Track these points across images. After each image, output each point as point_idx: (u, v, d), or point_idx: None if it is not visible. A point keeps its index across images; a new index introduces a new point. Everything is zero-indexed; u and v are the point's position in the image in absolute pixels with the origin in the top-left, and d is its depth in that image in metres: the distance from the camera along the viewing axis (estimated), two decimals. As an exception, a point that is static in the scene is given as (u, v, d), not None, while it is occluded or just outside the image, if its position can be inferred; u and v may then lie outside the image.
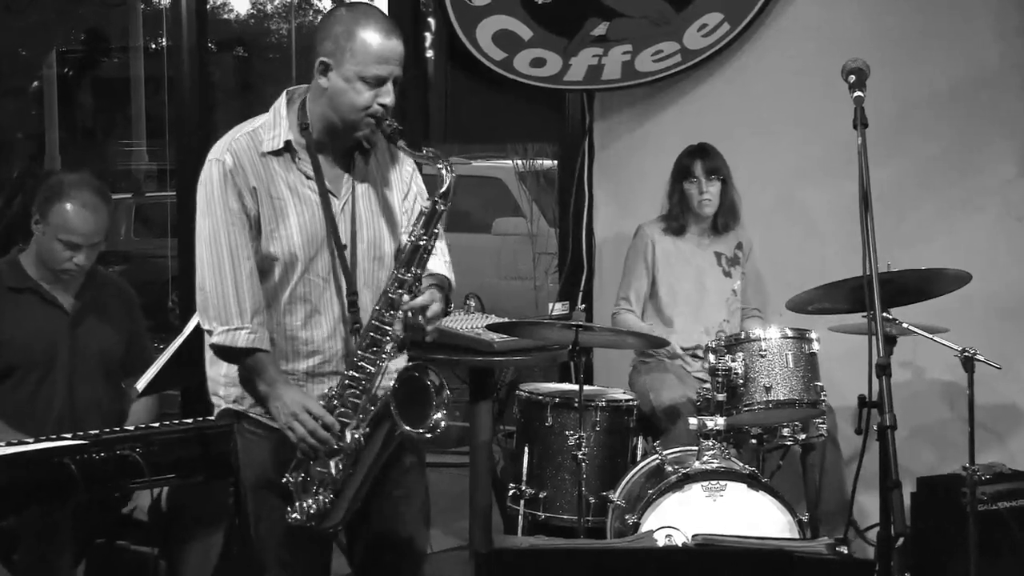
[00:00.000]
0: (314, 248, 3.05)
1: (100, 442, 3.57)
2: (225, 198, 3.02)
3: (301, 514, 3.01)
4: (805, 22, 5.39)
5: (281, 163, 3.05)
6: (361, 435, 2.98)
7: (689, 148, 4.96)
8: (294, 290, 3.07)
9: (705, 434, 4.10)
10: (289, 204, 3.04)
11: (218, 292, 3.02)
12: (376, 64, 2.96)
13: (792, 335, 4.30)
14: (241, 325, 3.01)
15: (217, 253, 3.02)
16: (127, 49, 12.57)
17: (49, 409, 3.91)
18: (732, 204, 4.95)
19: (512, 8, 5.17)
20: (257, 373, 3.04)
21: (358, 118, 3.00)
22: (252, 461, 3.16)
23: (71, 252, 3.88)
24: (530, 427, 4.44)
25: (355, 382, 3.00)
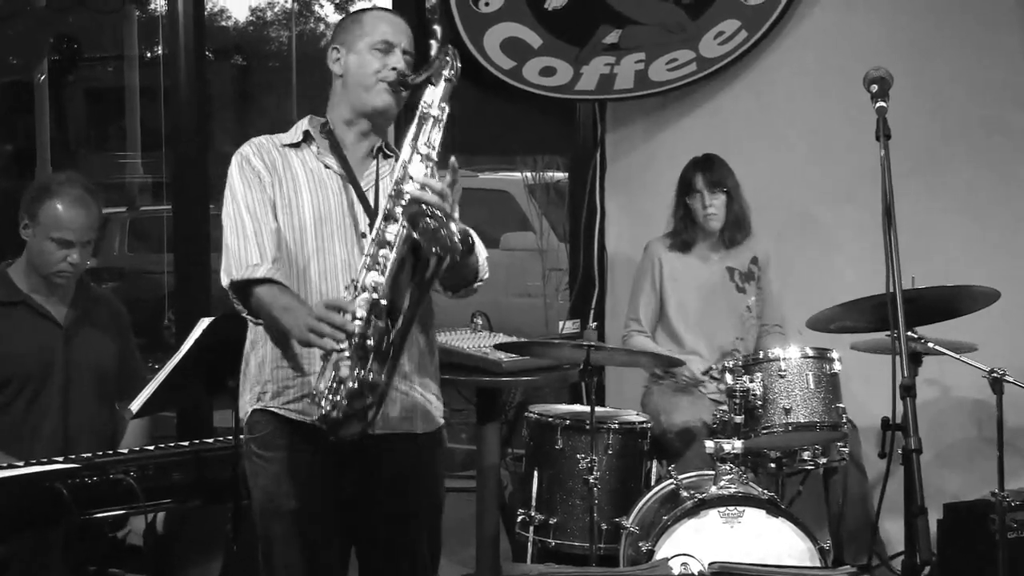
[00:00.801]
0: (329, 227, 3.10)
1: (93, 465, 3.57)
2: (243, 173, 3.14)
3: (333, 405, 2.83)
4: (826, 30, 5.40)
5: (299, 153, 3.19)
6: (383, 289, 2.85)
7: (693, 160, 4.97)
8: (307, 269, 3.09)
9: (722, 458, 4.09)
10: (302, 184, 3.14)
11: (239, 245, 3.07)
12: (384, 30, 3.15)
13: (813, 354, 4.30)
14: (259, 263, 3.04)
15: (238, 215, 3.09)
16: (122, 58, 12.62)
17: (40, 429, 3.92)
18: (738, 217, 4.95)
19: (521, 15, 5.18)
20: (274, 301, 2.97)
21: (371, 83, 3.14)
22: (258, 485, 3.17)
23: (65, 251, 3.91)
24: (540, 450, 4.44)
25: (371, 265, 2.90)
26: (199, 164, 5.22)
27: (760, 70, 5.49)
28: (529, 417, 4.52)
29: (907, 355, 2.82)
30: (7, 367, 3.91)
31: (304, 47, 20.40)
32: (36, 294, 3.99)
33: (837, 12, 5.42)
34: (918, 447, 2.75)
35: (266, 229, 3.09)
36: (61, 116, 11.53)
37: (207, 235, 5.20)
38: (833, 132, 5.30)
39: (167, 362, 3.74)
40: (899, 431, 2.82)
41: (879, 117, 3.10)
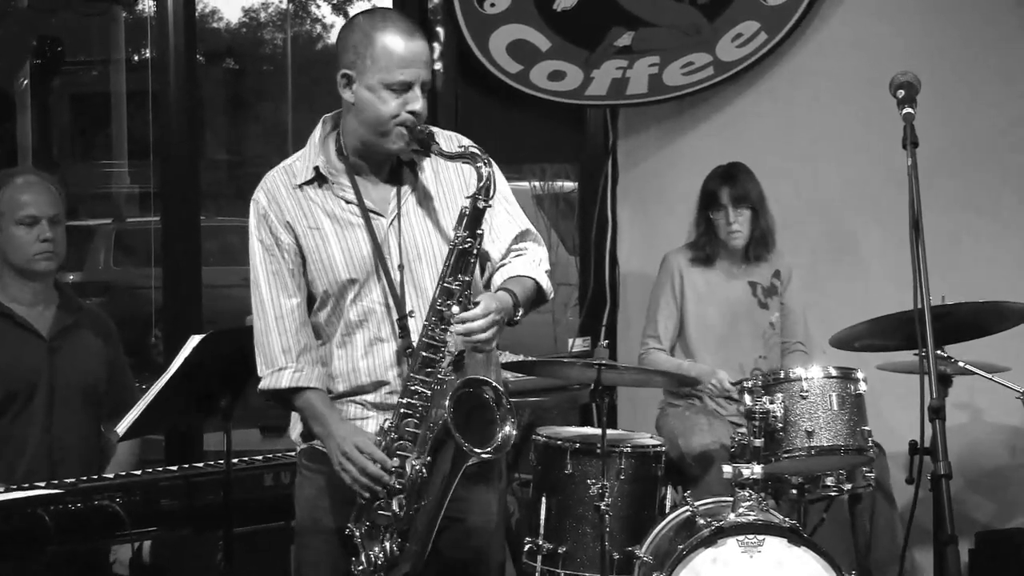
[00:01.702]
0: (364, 273, 3.10)
1: (77, 491, 3.58)
2: (260, 237, 3.14)
3: (369, 564, 3.03)
4: (849, 32, 5.42)
5: (317, 192, 3.14)
6: (422, 465, 3.00)
7: (715, 171, 4.97)
8: (348, 319, 3.12)
9: (741, 483, 4.08)
10: (329, 232, 3.11)
11: (263, 334, 3.14)
12: (400, 69, 3.02)
13: (836, 374, 4.29)
14: (284, 364, 3.12)
15: (259, 295, 3.14)
16: (108, 62, 12.65)
17: (23, 450, 3.92)
18: (764, 234, 4.95)
19: (528, 16, 5.19)
20: (309, 413, 3.13)
21: (388, 128, 3.06)
22: (303, 497, 3.21)
23: (34, 230, 3.96)
24: (548, 475, 4.44)
25: (411, 409, 3.02)
26: (189, 173, 5.22)
27: (781, 74, 5.50)
28: (536, 440, 4.52)
29: (936, 375, 2.82)
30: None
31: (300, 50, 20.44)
32: (17, 304, 4.00)
33: (861, 14, 5.43)
34: (948, 472, 2.75)
35: (287, 310, 3.12)
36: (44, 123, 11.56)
37: (197, 248, 5.20)
38: (858, 139, 5.31)
39: (155, 382, 3.74)
40: (928, 455, 2.81)
41: (906, 124, 3.10)
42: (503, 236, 3.22)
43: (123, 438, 3.83)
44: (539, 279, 3.22)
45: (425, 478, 3.00)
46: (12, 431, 3.93)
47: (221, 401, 3.70)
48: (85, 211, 11.82)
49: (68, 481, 3.69)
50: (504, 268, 3.20)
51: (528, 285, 3.18)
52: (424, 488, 3.01)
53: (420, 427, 3.01)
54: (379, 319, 3.11)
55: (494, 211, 3.18)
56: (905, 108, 3.13)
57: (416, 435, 3.02)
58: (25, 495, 3.50)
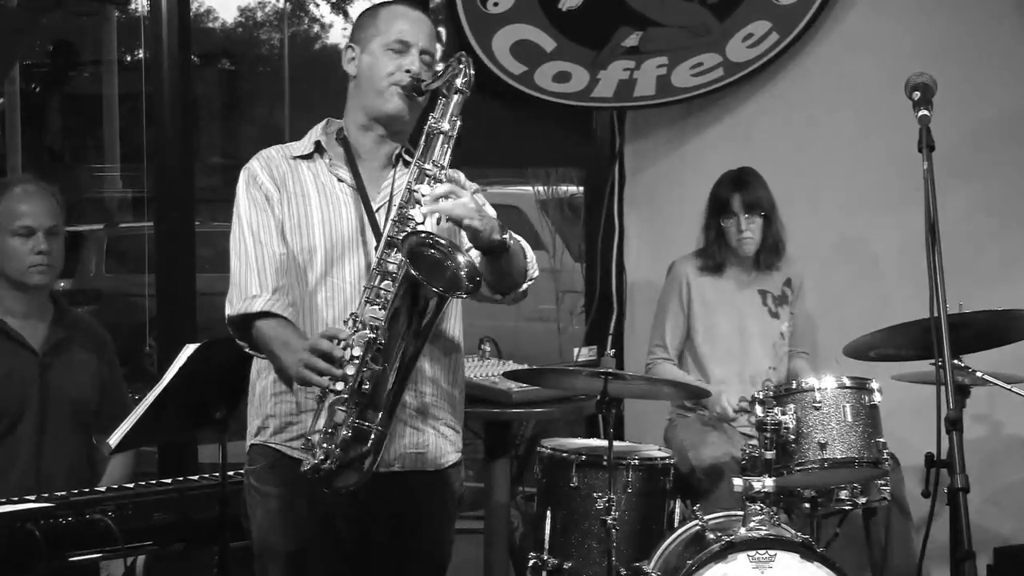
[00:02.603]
0: (339, 249, 3.12)
1: (68, 505, 3.59)
2: (249, 193, 3.17)
3: (327, 454, 2.88)
4: (864, 32, 5.42)
5: (311, 166, 3.21)
6: (379, 328, 2.90)
7: (726, 176, 4.96)
8: (315, 294, 3.12)
9: (751, 497, 4.08)
10: (313, 201, 3.16)
11: (240, 272, 3.14)
12: (399, 28, 3.16)
13: (850, 385, 4.29)
14: (259, 294, 3.11)
15: (242, 240, 3.15)
16: (100, 63, 12.67)
17: (11, 468, 3.93)
18: (776, 242, 4.95)
19: (533, 16, 5.20)
20: (273, 335, 3.05)
21: (383, 86, 3.15)
22: (256, 521, 3.19)
23: (29, 241, 3.97)
24: (553, 488, 4.43)
25: (374, 294, 2.95)
26: (183, 177, 5.23)
27: (793, 75, 5.50)
28: (541, 452, 4.52)
29: (953, 386, 2.82)
30: None
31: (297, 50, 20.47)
32: (10, 317, 4.01)
33: (876, 13, 5.43)
34: (965, 486, 2.74)
35: (268, 255, 3.13)
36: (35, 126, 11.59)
37: (192, 254, 5.21)
38: (872, 143, 5.31)
39: (148, 393, 3.75)
40: (944, 468, 2.81)
41: (922, 127, 3.10)
42: None
43: (116, 450, 3.83)
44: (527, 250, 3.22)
45: (382, 342, 2.90)
46: (1, 448, 3.93)
47: (216, 412, 3.71)
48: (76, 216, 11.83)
49: (59, 495, 3.69)
50: None
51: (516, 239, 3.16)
52: (381, 350, 2.90)
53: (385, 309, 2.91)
54: (346, 299, 3.10)
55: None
56: (921, 110, 3.14)
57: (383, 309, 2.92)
58: (14, 509, 3.50)
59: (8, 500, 3.61)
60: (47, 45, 11.59)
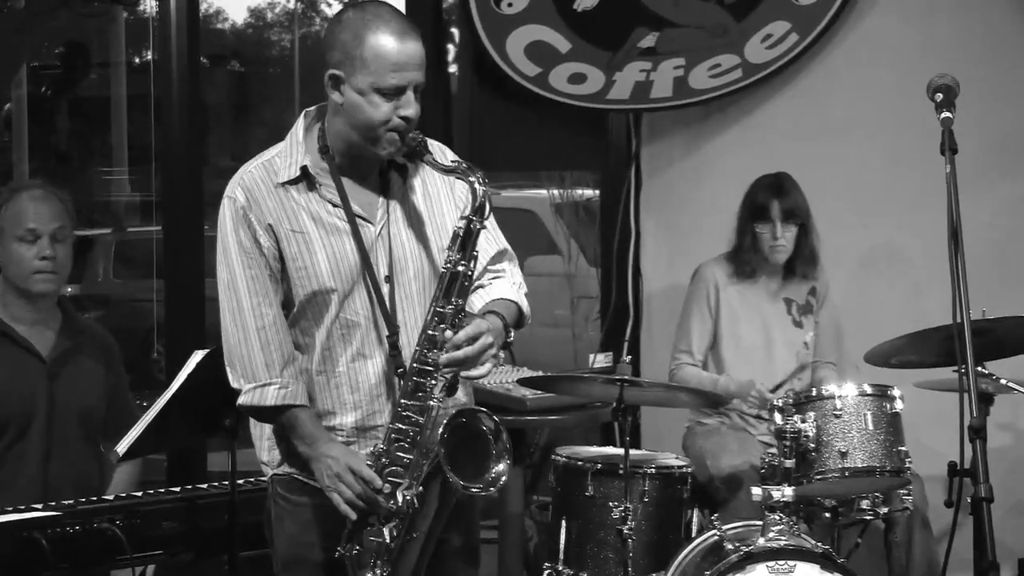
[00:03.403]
0: (349, 283, 3.07)
1: (75, 513, 3.60)
2: (238, 239, 3.07)
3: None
4: (885, 32, 5.42)
5: (301, 193, 3.09)
6: (413, 495, 2.99)
7: (764, 180, 4.94)
8: (331, 332, 3.10)
9: (771, 506, 4.08)
10: (314, 236, 3.07)
11: (241, 345, 3.09)
12: (392, 72, 2.98)
13: (872, 392, 4.28)
14: (269, 380, 3.08)
15: (236, 301, 3.08)
16: (108, 65, 12.68)
17: (21, 473, 3.94)
18: (812, 251, 4.94)
19: (548, 17, 5.20)
20: (294, 432, 3.09)
21: (379, 135, 3.02)
22: (284, 532, 3.18)
23: (34, 247, 3.96)
24: (568, 497, 4.43)
25: (402, 435, 3.01)
26: (192, 181, 5.25)
27: (813, 77, 5.50)
28: (556, 460, 4.52)
29: (976, 393, 2.82)
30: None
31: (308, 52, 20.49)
32: (18, 324, 4.02)
33: (898, 14, 5.42)
34: (989, 495, 2.74)
35: (268, 321, 3.08)
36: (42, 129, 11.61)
37: (201, 259, 5.22)
38: (895, 146, 5.30)
39: (157, 400, 3.76)
40: (968, 477, 2.81)
41: (944, 129, 3.10)
42: (482, 254, 3.19)
43: (123, 458, 3.84)
44: (520, 303, 3.23)
45: (417, 508, 3.00)
46: (8, 458, 3.95)
47: (226, 419, 3.70)
48: (84, 220, 11.85)
49: (66, 503, 3.70)
50: (483, 290, 3.20)
51: (512, 309, 3.19)
52: (415, 519, 3.01)
53: (411, 452, 3.00)
54: (363, 332, 3.09)
55: None
56: (943, 112, 3.14)
57: (408, 461, 3.00)
58: (20, 518, 3.51)
59: (15, 509, 3.62)
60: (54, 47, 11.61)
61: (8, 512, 3.58)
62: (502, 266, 3.27)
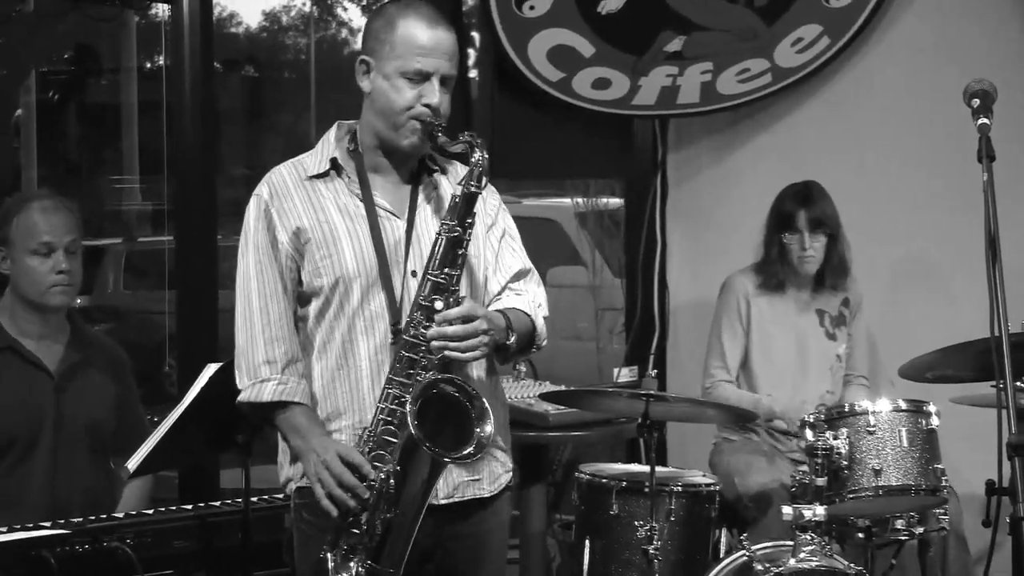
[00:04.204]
0: (373, 274, 3.12)
1: (85, 531, 3.60)
2: (257, 236, 3.16)
3: None
4: (920, 36, 5.41)
5: (329, 185, 3.17)
6: (389, 472, 2.97)
7: (791, 189, 4.94)
8: (353, 325, 3.13)
9: (802, 526, 4.07)
10: (339, 227, 3.14)
11: (247, 342, 3.15)
12: (418, 57, 3.07)
13: (907, 408, 4.27)
14: (269, 376, 3.12)
15: (247, 296, 3.16)
16: (119, 70, 12.74)
17: (28, 491, 3.95)
18: (842, 261, 4.93)
19: (571, 20, 5.21)
20: (288, 426, 3.12)
21: (400, 121, 3.09)
22: (308, 557, 3.17)
23: (48, 260, 3.97)
24: (592, 516, 4.43)
25: (390, 415, 3.01)
26: (205, 189, 5.26)
27: (845, 82, 5.49)
28: (580, 478, 4.51)
29: (1015, 409, 2.81)
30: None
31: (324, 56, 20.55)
32: (26, 338, 4.03)
33: (933, 16, 5.42)
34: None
35: (274, 317, 3.13)
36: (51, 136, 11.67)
37: (214, 270, 5.24)
38: (930, 153, 5.29)
39: (168, 415, 3.77)
40: (1006, 496, 2.80)
41: (981, 136, 3.09)
42: (505, 270, 3.25)
43: (134, 475, 3.85)
44: (535, 319, 3.23)
45: (391, 489, 2.97)
46: (14, 475, 3.96)
47: (239, 435, 3.72)
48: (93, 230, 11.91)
49: (75, 521, 3.71)
50: (498, 303, 3.22)
51: (523, 321, 3.19)
52: (392, 499, 2.98)
53: (398, 435, 2.99)
54: (387, 326, 3.12)
55: (500, 248, 3.25)
56: (980, 119, 3.13)
57: (393, 444, 3.00)
58: (29, 536, 3.52)
59: (23, 526, 3.63)
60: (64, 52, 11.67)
61: (16, 530, 3.59)
62: (522, 285, 3.29)
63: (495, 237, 3.27)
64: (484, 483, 3.24)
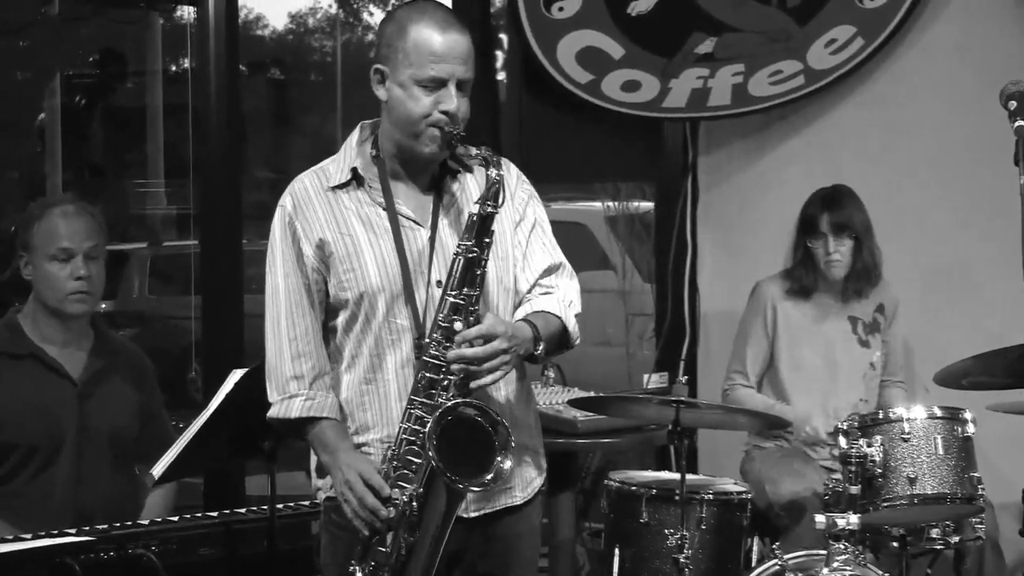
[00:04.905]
0: (397, 285, 3.12)
1: (109, 539, 3.62)
2: (284, 247, 3.18)
3: None
4: (956, 36, 5.39)
5: (351, 196, 3.17)
6: (411, 497, 2.99)
7: (818, 193, 4.93)
8: (380, 338, 3.14)
9: (835, 535, 4.05)
10: (362, 239, 3.14)
11: (276, 356, 3.18)
12: (431, 63, 3.05)
13: (942, 415, 4.25)
14: (297, 391, 3.15)
15: (276, 310, 3.18)
16: (144, 73, 12.79)
17: (50, 499, 3.97)
18: (867, 266, 4.90)
19: (600, 22, 5.21)
20: (319, 443, 3.16)
21: (419, 129, 3.08)
22: (336, 561, 3.20)
23: (68, 266, 3.98)
24: (621, 524, 4.43)
25: (413, 435, 3.02)
26: (231, 193, 5.27)
27: (879, 83, 5.48)
28: (609, 485, 4.51)
29: (1053, 416, 2.80)
30: (12, 432, 3.96)
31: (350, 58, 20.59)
32: (48, 344, 4.05)
33: (969, 16, 5.39)
34: (1067, 524, 2.72)
35: (301, 331, 3.16)
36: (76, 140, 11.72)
37: (240, 274, 5.25)
38: (966, 156, 5.27)
39: (193, 421, 3.78)
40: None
41: (1018, 139, 3.08)
42: (534, 267, 3.25)
43: (159, 481, 3.87)
44: (566, 320, 3.23)
45: (415, 512, 2.99)
46: (37, 482, 3.98)
47: (265, 441, 3.73)
48: (118, 234, 11.96)
49: (99, 528, 3.73)
50: (528, 303, 3.22)
51: (552, 323, 3.19)
52: (415, 522, 3.00)
53: (421, 455, 3.00)
54: (414, 337, 3.13)
55: (530, 240, 3.24)
56: (1017, 121, 3.12)
57: (417, 465, 3.01)
58: (53, 543, 3.54)
59: (47, 533, 3.65)
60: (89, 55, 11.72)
61: (41, 537, 3.60)
62: (553, 281, 3.28)
63: (524, 232, 3.26)
64: (516, 491, 3.25)
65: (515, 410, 3.22)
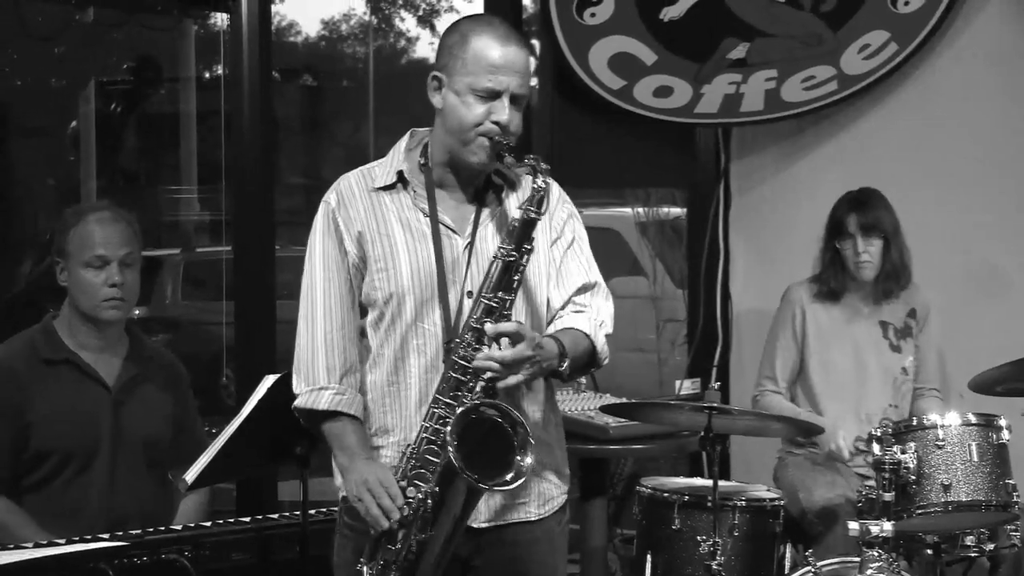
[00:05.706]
0: (429, 291, 3.13)
1: (142, 544, 3.63)
2: (324, 243, 3.20)
3: None
4: (990, 42, 5.37)
5: (394, 198, 3.20)
6: (426, 495, 2.99)
7: (845, 197, 4.93)
8: (406, 340, 3.15)
9: (869, 542, 4.04)
10: (399, 240, 3.16)
11: (307, 349, 3.19)
12: (488, 74, 3.08)
13: (976, 422, 4.24)
14: (326, 384, 3.16)
15: (311, 303, 3.19)
16: (177, 80, 12.85)
17: (85, 505, 3.99)
18: (896, 267, 4.89)
19: (632, 27, 5.21)
20: (337, 442, 3.15)
21: (469, 137, 3.10)
22: (344, 562, 3.20)
23: (103, 272, 3.99)
24: (653, 531, 4.42)
25: (434, 435, 3.02)
26: (263, 199, 5.30)
27: (912, 89, 5.46)
28: (641, 492, 4.51)
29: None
30: (47, 438, 3.98)
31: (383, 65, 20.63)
32: (84, 351, 4.06)
33: (1003, 22, 5.37)
34: (1103, 532, 2.70)
35: (336, 325, 3.17)
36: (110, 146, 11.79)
37: (272, 280, 5.26)
38: (999, 161, 5.25)
39: (226, 426, 3.79)
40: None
41: (1055, 143, 3.07)
42: (569, 284, 3.24)
43: (191, 487, 3.88)
44: (595, 340, 3.21)
45: (428, 510, 2.98)
46: (72, 488, 4.00)
47: (297, 447, 3.73)
48: (151, 241, 12.01)
49: (133, 533, 3.74)
50: (559, 319, 3.21)
51: (581, 342, 3.17)
52: (428, 520, 2.99)
53: (439, 455, 2.99)
54: (437, 345, 3.13)
55: (566, 257, 3.24)
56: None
57: (434, 464, 3.00)
58: (87, 548, 3.55)
59: (81, 539, 3.66)
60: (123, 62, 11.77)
61: (75, 542, 3.62)
62: (586, 300, 3.26)
63: (560, 249, 3.26)
64: (531, 506, 3.22)
65: (536, 429, 3.18)
